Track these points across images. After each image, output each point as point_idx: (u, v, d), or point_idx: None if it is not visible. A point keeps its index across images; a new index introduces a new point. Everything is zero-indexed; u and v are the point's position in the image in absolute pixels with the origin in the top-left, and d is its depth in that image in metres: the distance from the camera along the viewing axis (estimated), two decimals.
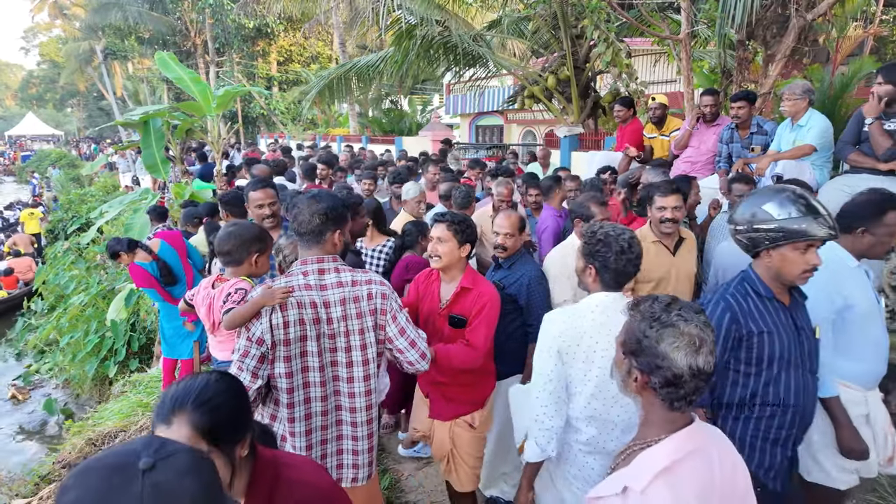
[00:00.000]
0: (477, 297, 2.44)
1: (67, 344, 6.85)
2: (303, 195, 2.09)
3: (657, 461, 1.21)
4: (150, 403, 4.72)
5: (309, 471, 1.41)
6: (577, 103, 8.19)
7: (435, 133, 13.66)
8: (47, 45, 46.57)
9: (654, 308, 1.27)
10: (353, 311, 2.00)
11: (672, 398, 1.23)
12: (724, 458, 1.27)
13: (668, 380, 1.22)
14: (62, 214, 14.54)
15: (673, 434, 1.24)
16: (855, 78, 6.61)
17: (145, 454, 0.83)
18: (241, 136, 24.27)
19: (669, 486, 1.16)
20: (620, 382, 1.34)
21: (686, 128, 5.11)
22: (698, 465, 1.21)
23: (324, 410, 2.03)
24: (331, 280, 2.00)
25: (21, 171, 33.29)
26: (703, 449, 1.24)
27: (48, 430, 6.45)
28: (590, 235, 1.98)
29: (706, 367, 1.21)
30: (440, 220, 2.46)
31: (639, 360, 1.26)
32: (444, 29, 7.85)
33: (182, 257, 4.31)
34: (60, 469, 3.72)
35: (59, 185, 23.45)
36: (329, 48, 28.15)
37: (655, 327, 1.24)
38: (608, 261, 1.91)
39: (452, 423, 2.54)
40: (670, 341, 1.21)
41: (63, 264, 9.70)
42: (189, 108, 7.23)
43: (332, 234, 2.03)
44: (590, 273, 1.96)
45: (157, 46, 24.15)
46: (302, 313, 1.94)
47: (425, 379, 2.60)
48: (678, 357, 1.20)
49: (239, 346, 1.94)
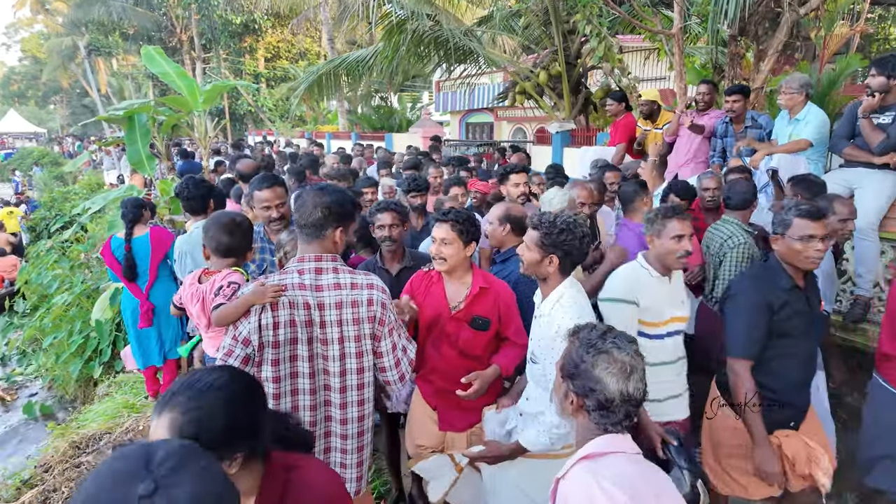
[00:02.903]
0: (497, 297, 2.34)
1: (51, 345, 6.68)
2: (310, 187, 2.02)
3: (579, 453, 1.32)
4: (137, 404, 4.60)
5: (320, 474, 1.35)
6: (569, 99, 8.16)
7: (425, 130, 13.58)
8: (29, 41, 45.68)
9: (591, 335, 1.37)
10: (349, 317, 1.89)
11: (605, 422, 1.31)
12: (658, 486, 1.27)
13: (600, 403, 1.29)
14: (45, 213, 14.25)
15: (599, 437, 1.32)
16: (842, 75, 6.65)
17: (148, 476, 0.75)
18: (229, 133, 24.02)
19: (588, 470, 1.24)
20: (559, 405, 1.42)
21: (676, 113, 5.09)
22: (622, 462, 1.26)
23: (312, 420, 1.92)
24: (328, 281, 1.89)
25: (3, 169, 32.65)
26: (630, 455, 1.29)
27: (30, 434, 6.29)
28: (550, 225, 2.02)
29: (636, 394, 1.29)
30: (443, 220, 2.29)
31: (575, 384, 1.34)
32: (435, 24, 7.78)
33: (154, 257, 4.16)
34: (42, 473, 3.61)
35: (41, 183, 23.01)
36: (317, 44, 27.93)
37: (591, 353, 1.32)
38: (573, 247, 2.02)
39: (469, 433, 2.42)
40: (604, 366, 1.30)
41: (46, 263, 9.49)
42: (175, 102, 7.09)
43: (334, 231, 1.91)
44: (551, 262, 2.03)
45: (141, 42, 23.79)
46: (294, 314, 1.83)
47: (430, 391, 2.46)
48: (610, 382, 1.28)
49: (224, 344, 1.85)
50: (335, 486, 1.36)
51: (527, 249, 2.08)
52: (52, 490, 3.26)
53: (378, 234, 2.81)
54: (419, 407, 2.55)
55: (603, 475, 1.20)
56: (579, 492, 1.22)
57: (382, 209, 2.79)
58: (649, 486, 1.22)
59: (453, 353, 2.35)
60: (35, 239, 13.41)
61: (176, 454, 0.79)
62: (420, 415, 2.53)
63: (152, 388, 4.65)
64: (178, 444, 0.85)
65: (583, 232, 2.05)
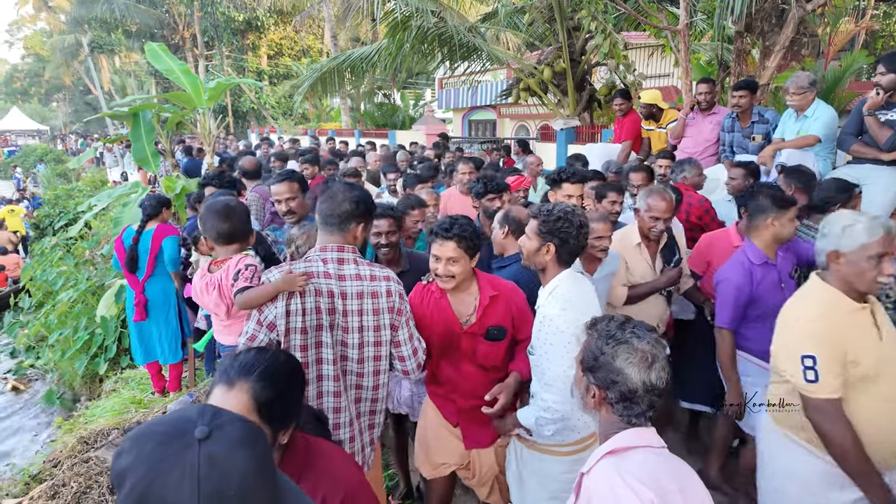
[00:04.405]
0: (508, 301, 2.20)
1: (56, 341, 6.71)
2: (337, 182, 2.08)
3: (604, 447, 1.30)
4: (144, 400, 4.62)
5: (339, 462, 1.38)
6: (573, 96, 8.14)
7: (429, 127, 13.58)
8: (32, 39, 45.68)
9: (609, 327, 1.35)
10: (369, 307, 1.94)
11: (629, 414, 1.29)
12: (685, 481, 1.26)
13: (623, 394, 1.28)
14: (49, 210, 14.29)
15: (623, 431, 1.30)
16: (847, 72, 6.62)
17: (201, 422, 0.82)
18: (232, 130, 24.03)
19: (613, 466, 1.22)
20: (580, 399, 1.40)
21: (681, 116, 5.08)
22: (647, 457, 1.24)
23: (336, 406, 1.95)
24: (349, 271, 1.93)
25: (6, 166, 32.73)
26: (655, 449, 1.27)
27: (38, 429, 6.32)
28: (547, 213, 2.03)
29: (658, 383, 1.27)
30: (447, 237, 2.07)
31: (596, 376, 1.32)
32: (440, 20, 7.76)
33: (152, 252, 4.24)
34: (51, 468, 3.62)
35: (45, 180, 23.06)
36: (320, 42, 27.91)
37: (611, 344, 1.30)
38: (569, 237, 2.00)
39: (496, 445, 2.32)
40: (625, 357, 1.28)
41: (51, 260, 9.52)
42: (180, 99, 7.08)
43: (357, 226, 1.97)
44: (547, 251, 2.02)
45: (144, 40, 23.76)
46: (319, 301, 1.88)
47: (452, 409, 2.31)
48: (632, 372, 1.27)
49: (248, 329, 1.87)
50: (352, 475, 1.38)
51: (527, 239, 2.10)
52: (61, 485, 3.26)
53: (374, 240, 2.70)
54: (436, 425, 2.38)
55: (628, 471, 1.19)
56: (604, 488, 1.20)
57: (379, 215, 2.62)
58: (675, 481, 1.21)
59: (472, 369, 2.23)
60: (39, 236, 13.46)
61: (213, 409, 0.88)
62: (440, 432, 2.37)
63: (158, 385, 4.67)
64: (210, 405, 0.94)
65: (580, 222, 2.03)
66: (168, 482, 0.77)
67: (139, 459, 0.78)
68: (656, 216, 2.84)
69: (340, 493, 1.30)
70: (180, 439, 0.80)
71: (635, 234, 2.99)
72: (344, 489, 1.32)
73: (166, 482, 0.77)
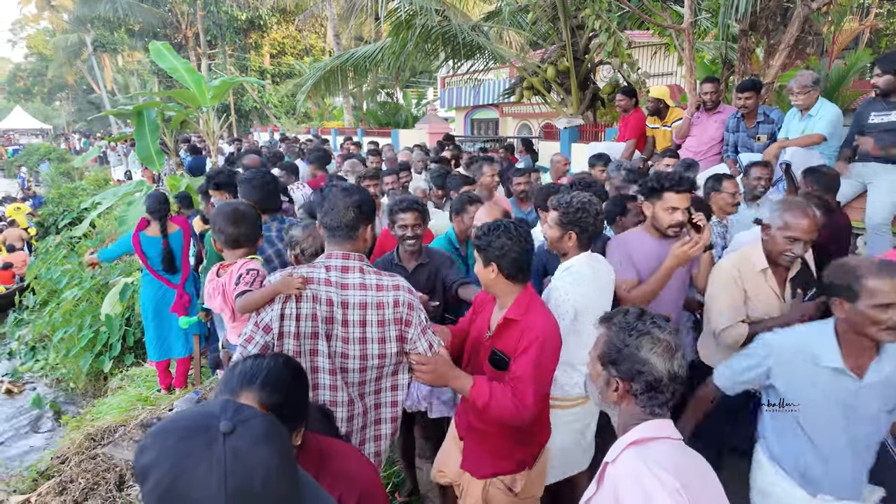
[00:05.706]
0: (523, 332, 1.85)
1: (61, 339, 6.73)
2: (335, 188, 1.99)
3: (627, 437, 1.30)
4: (150, 397, 4.64)
5: (353, 462, 1.38)
6: (577, 95, 8.13)
7: (431, 126, 13.56)
8: (35, 38, 45.74)
9: (628, 319, 1.36)
10: (374, 318, 1.87)
11: (653, 404, 1.31)
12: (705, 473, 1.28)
13: (649, 384, 1.29)
14: (53, 208, 14.33)
15: (644, 422, 1.31)
16: (851, 70, 6.61)
17: (224, 417, 0.82)
18: (234, 129, 24.06)
19: (638, 455, 1.23)
20: (598, 395, 1.40)
21: (686, 116, 5.08)
22: (669, 447, 1.26)
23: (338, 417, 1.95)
24: (354, 280, 1.87)
25: (10, 165, 32.80)
26: (674, 441, 1.29)
27: (43, 426, 6.35)
28: (566, 205, 2.24)
29: (680, 372, 1.29)
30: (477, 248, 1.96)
31: (619, 369, 1.32)
32: (444, 19, 7.76)
33: (185, 249, 4.27)
34: (59, 464, 3.65)
35: (48, 179, 23.12)
36: (322, 41, 27.89)
37: (634, 335, 1.31)
38: (588, 224, 2.23)
39: (488, 483, 2.03)
40: (649, 347, 1.29)
41: (55, 258, 9.55)
42: (184, 97, 7.11)
43: (365, 229, 1.92)
44: (570, 238, 2.25)
45: (147, 39, 23.80)
46: (315, 308, 1.83)
47: (463, 423, 2.15)
48: (658, 362, 1.28)
49: (245, 331, 1.86)
50: (366, 475, 1.39)
51: (549, 228, 2.33)
52: (69, 481, 3.29)
53: (400, 233, 2.72)
54: (453, 436, 2.31)
55: (654, 461, 1.20)
56: (630, 477, 1.21)
57: (405, 208, 2.69)
58: (694, 471, 1.23)
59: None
60: (43, 235, 13.50)
61: (235, 404, 0.89)
62: (451, 443, 2.31)
63: (165, 382, 4.69)
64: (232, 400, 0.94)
65: (596, 210, 2.23)
66: (194, 477, 0.76)
67: (163, 455, 0.78)
68: (795, 236, 2.27)
69: (357, 493, 1.31)
70: (204, 434, 0.79)
71: (760, 258, 2.40)
72: (360, 489, 1.32)
73: (192, 477, 0.76)
